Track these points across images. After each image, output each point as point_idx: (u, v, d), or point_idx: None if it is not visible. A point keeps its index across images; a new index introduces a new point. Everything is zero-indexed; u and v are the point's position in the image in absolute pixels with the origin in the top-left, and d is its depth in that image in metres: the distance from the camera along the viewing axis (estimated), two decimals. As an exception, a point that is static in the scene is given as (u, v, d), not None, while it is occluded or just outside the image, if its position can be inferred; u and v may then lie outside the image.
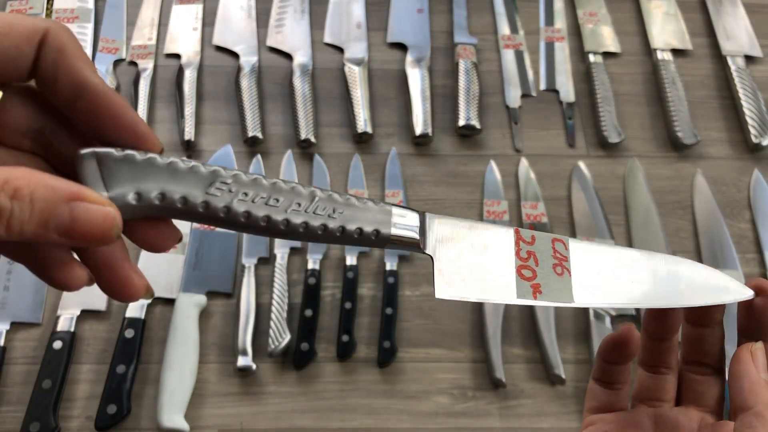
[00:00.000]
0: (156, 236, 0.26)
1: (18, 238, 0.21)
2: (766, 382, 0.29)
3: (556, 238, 0.30)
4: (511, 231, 0.30)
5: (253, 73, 0.83)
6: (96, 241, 0.22)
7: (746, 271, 0.73)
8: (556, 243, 0.30)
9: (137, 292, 0.25)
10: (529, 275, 0.29)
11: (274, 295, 0.68)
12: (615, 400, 0.34)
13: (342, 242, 0.28)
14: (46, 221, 0.21)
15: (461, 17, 0.91)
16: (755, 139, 0.81)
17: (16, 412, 0.62)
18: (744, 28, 0.91)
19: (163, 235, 0.26)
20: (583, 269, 0.30)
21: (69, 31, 0.24)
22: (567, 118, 0.84)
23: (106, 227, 0.22)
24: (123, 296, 0.25)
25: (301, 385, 0.66)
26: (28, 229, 0.21)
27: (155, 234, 0.26)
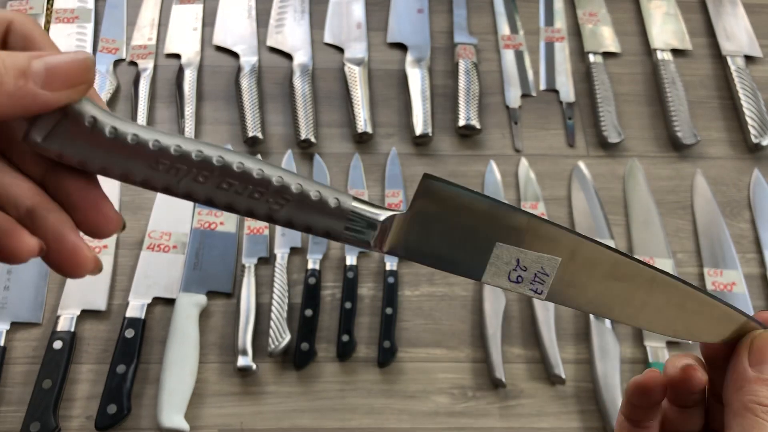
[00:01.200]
0: (96, 217, 0.26)
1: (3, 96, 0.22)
2: (757, 377, 0.27)
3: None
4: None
5: (253, 73, 0.83)
6: (78, 78, 0.23)
7: (746, 271, 0.73)
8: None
9: (86, 263, 0.24)
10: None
11: (274, 295, 0.68)
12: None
13: (293, 229, 0.27)
14: (23, 71, 0.22)
15: (461, 17, 0.91)
16: (755, 139, 0.81)
17: (16, 412, 0.62)
18: (744, 28, 0.91)
19: (105, 218, 0.26)
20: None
21: (34, 21, 0.25)
22: (567, 118, 0.84)
23: (83, 63, 0.23)
24: (72, 267, 0.24)
25: (301, 385, 0.66)
26: (9, 80, 0.22)
27: (95, 215, 0.26)
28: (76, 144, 0.24)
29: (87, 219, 0.25)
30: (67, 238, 0.24)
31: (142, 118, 0.78)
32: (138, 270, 0.70)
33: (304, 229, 0.27)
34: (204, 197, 0.26)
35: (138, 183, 0.25)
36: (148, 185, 0.25)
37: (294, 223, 0.27)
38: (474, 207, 0.27)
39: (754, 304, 0.71)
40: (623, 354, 0.68)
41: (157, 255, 0.71)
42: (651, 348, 0.68)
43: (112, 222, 0.25)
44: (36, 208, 0.24)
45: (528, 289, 0.28)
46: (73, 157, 0.24)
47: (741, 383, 0.27)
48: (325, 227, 0.27)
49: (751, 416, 0.26)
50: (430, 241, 0.28)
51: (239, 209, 0.26)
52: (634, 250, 0.74)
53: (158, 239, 0.72)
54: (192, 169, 0.25)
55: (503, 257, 0.28)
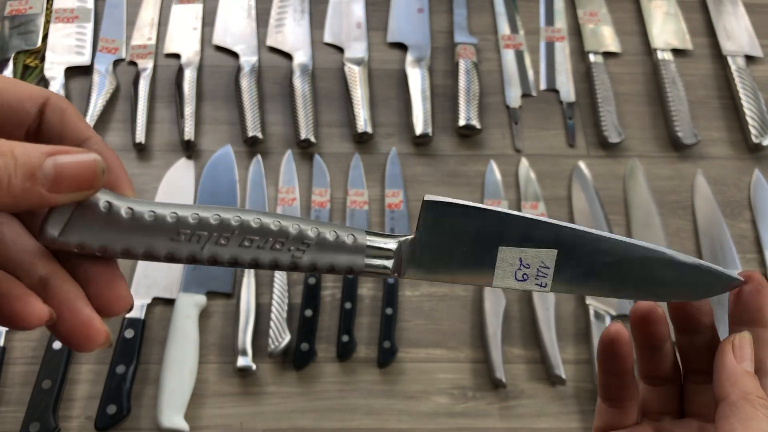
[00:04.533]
0: (110, 295, 0.26)
1: (9, 197, 0.21)
2: (746, 371, 0.29)
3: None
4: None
5: (253, 73, 0.83)
6: (86, 183, 0.23)
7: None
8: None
9: (98, 337, 0.24)
10: None
11: (274, 295, 0.68)
12: (619, 419, 0.33)
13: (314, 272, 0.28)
14: (32, 173, 0.22)
15: (461, 17, 0.91)
16: (755, 139, 0.81)
17: (15, 413, 0.62)
18: (744, 27, 0.91)
19: (118, 297, 0.26)
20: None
21: (67, 100, 0.27)
22: (567, 118, 0.84)
23: (92, 168, 0.23)
24: (83, 340, 0.24)
25: (301, 385, 0.66)
26: (16, 182, 0.21)
27: (109, 293, 0.26)
28: (94, 231, 0.24)
29: (100, 295, 0.25)
30: (82, 311, 0.24)
31: (142, 118, 0.78)
32: (138, 270, 0.70)
33: (327, 270, 0.28)
34: (229, 258, 0.26)
35: (163, 258, 0.26)
36: (173, 259, 0.26)
37: (317, 266, 0.27)
38: (474, 220, 0.29)
39: (754, 304, 0.71)
40: (623, 354, 0.67)
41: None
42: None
43: (124, 301, 0.25)
44: (50, 278, 0.24)
45: (534, 284, 0.29)
46: (93, 246, 0.25)
47: (735, 377, 0.29)
48: (347, 264, 0.28)
49: (748, 407, 0.28)
50: (440, 259, 0.29)
51: (264, 263, 0.27)
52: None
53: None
54: (213, 234, 0.26)
55: (507, 259, 0.29)
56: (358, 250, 0.28)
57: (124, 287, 0.25)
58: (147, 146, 0.78)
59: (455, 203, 0.30)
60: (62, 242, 0.24)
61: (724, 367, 0.29)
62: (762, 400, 0.28)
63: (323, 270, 0.28)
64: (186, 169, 0.77)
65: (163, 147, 0.79)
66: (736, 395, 0.28)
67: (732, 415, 0.28)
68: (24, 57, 0.83)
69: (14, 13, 0.86)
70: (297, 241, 0.27)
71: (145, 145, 0.77)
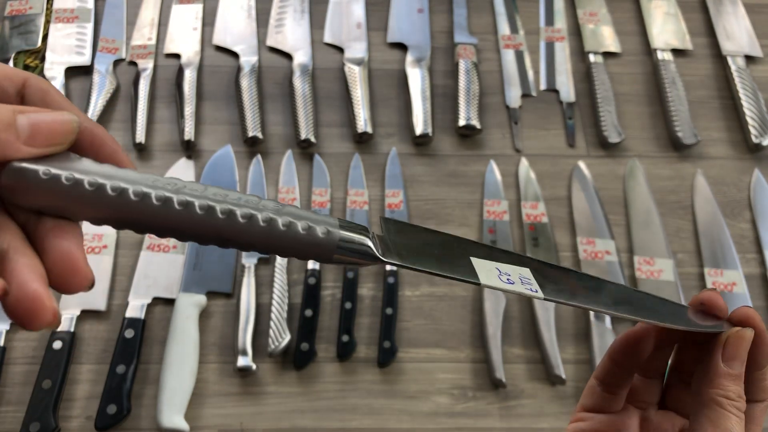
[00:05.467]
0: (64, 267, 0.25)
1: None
2: (726, 372, 0.29)
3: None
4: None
5: (253, 73, 0.83)
6: (60, 138, 0.24)
7: (746, 271, 0.73)
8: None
9: (43, 314, 0.23)
10: None
11: (274, 295, 0.68)
12: (609, 404, 0.34)
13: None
14: (10, 124, 0.23)
15: (461, 17, 0.91)
16: (755, 139, 0.81)
17: (16, 412, 0.62)
18: (744, 28, 0.91)
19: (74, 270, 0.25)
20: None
21: (47, 81, 0.27)
22: (567, 118, 0.84)
23: (67, 124, 0.24)
24: (27, 315, 0.23)
25: (301, 385, 0.66)
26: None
27: (63, 265, 0.25)
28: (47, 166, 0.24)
29: (55, 268, 0.24)
30: (29, 285, 0.23)
31: (142, 118, 0.78)
32: (138, 270, 0.70)
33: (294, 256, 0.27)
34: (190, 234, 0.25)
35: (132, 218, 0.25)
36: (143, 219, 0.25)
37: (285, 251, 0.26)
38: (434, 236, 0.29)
39: (754, 304, 0.71)
40: (623, 354, 0.67)
41: (157, 255, 0.71)
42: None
43: (80, 275, 0.24)
44: (9, 251, 0.23)
45: (525, 289, 0.28)
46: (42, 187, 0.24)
47: (711, 377, 0.29)
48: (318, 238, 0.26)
49: (717, 408, 0.28)
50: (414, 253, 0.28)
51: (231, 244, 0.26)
52: (635, 250, 0.74)
53: (158, 239, 0.72)
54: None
55: (484, 267, 0.28)
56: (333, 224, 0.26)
57: (82, 262, 0.24)
58: (147, 146, 0.78)
59: (408, 225, 0.29)
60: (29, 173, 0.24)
61: (706, 364, 0.29)
62: (735, 402, 0.28)
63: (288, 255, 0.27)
64: (186, 169, 0.77)
65: (164, 147, 0.79)
66: (708, 395, 0.29)
67: (701, 414, 0.28)
68: (24, 57, 0.83)
69: (14, 13, 0.86)
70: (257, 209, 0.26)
71: (145, 145, 0.77)
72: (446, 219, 0.76)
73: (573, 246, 0.74)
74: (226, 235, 0.25)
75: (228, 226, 0.25)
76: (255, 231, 0.25)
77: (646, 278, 0.72)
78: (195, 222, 0.25)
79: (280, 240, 0.25)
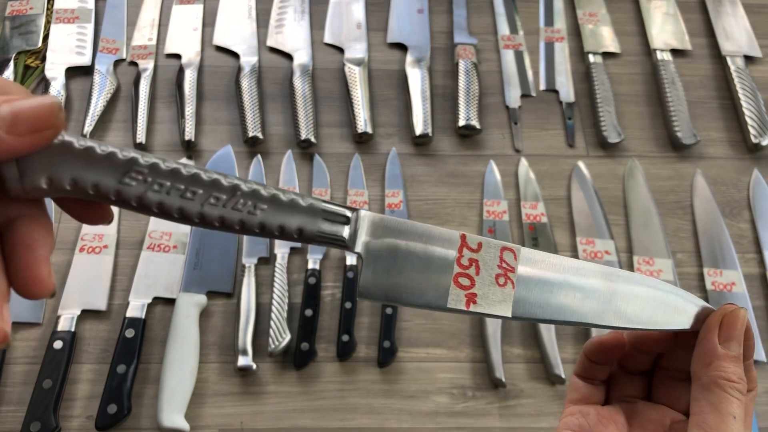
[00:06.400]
0: (84, 212, 0.26)
1: None
2: (724, 353, 0.28)
3: (507, 247, 0.29)
4: (457, 235, 0.29)
5: (254, 73, 0.83)
6: (44, 124, 0.23)
7: (746, 271, 0.73)
8: (505, 252, 0.29)
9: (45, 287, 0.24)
10: (466, 284, 0.29)
11: (274, 295, 0.68)
12: (593, 393, 0.35)
13: (264, 236, 0.27)
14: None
15: (461, 17, 0.91)
16: (755, 139, 0.81)
17: (16, 412, 0.62)
18: (743, 28, 0.91)
19: (92, 212, 0.27)
20: (530, 281, 0.29)
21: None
22: (567, 118, 0.84)
23: (50, 107, 0.23)
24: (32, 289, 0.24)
25: (301, 384, 0.66)
26: None
27: (83, 210, 0.26)
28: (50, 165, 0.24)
29: (19, 275, 0.24)
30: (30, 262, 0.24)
31: (143, 119, 0.78)
32: (138, 270, 0.70)
33: (278, 233, 0.27)
34: (177, 210, 0.26)
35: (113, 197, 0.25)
36: (122, 200, 0.25)
37: (266, 227, 0.27)
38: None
39: (753, 304, 0.71)
40: (623, 354, 0.68)
41: (158, 255, 0.71)
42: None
43: (41, 283, 0.24)
44: None
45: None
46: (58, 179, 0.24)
47: (710, 359, 0.28)
48: (298, 226, 0.27)
49: (719, 391, 0.28)
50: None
51: (212, 218, 0.26)
52: (634, 250, 0.74)
53: (158, 239, 0.72)
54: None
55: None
56: (312, 212, 0.27)
57: (46, 271, 0.25)
58: (148, 146, 0.78)
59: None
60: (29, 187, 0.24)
61: (702, 346, 0.29)
62: (737, 383, 0.28)
63: (273, 232, 0.27)
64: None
65: (164, 147, 0.79)
66: (708, 378, 0.28)
67: (702, 398, 0.28)
68: (25, 57, 0.83)
69: (15, 14, 0.86)
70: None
71: (145, 145, 0.78)
72: (446, 219, 0.76)
73: (572, 246, 0.75)
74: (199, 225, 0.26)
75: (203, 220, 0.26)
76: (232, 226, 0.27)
77: (646, 278, 0.72)
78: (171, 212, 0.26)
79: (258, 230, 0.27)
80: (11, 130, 0.22)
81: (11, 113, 0.22)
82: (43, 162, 0.24)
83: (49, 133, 0.23)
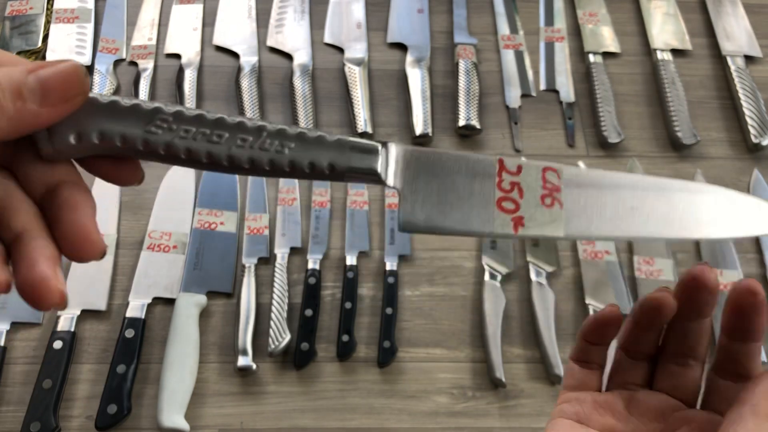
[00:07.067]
0: (115, 172, 0.27)
1: (4, 120, 0.22)
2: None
3: (548, 167, 0.28)
4: (494, 160, 0.28)
5: (254, 73, 0.83)
6: (73, 89, 0.23)
7: (746, 271, 0.73)
8: (548, 173, 0.28)
9: (50, 295, 0.23)
10: (511, 207, 0.27)
11: (274, 295, 0.68)
12: (590, 379, 0.34)
13: (294, 176, 0.27)
14: (19, 90, 0.22)
15: (461, 17, 0.91)
16: (755, 139, 0.81)
17: (16, 412, 0.62)
18: (744, 28, 0.91)
19: (123, 172, 0.27)
20: (578, 199, 0.28)
21: None
22: (567, 118, 0.84)
23: (74, 72, 0.23)
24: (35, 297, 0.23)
25: (301, 385, 0.66)
26: (7, 104, 0.22)
27: (114, 170, 0.26)
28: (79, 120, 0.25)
29: (67, 239, 0.24)
30: (38, 267, 0.23)
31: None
32: (138, 270, 0.70)
33: (309, 172, 0.26)
34: (205, 154, 0.26)
35: (141, 148, 0.25)
36: (151, 151, 0.25)
37: (297, 164, 0.26)
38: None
39: (753, 304, 0.71)
40: (623, 354, 0.68)
41: (158, 255, 0.71)
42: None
43: (93, 245, 0.24)
44: (23, 233, 0.24)
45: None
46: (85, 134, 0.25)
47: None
48: (329, 162, 0.27)
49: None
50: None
51: (242, 160, 0.26)
52: (634, 249, 0.74)
53: (158, 239, 0.72)
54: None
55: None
56: (341, 147, 0.27)
57: (95, 232, 0.25)
58: (147, 146, 0.78)
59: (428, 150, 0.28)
60: (59, 146, 0.24)
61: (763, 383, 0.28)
62: None
63: (303, 170, 0.26)
64: (187, 169, 0.77)
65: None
66: (757, 410, 0.27)
67: (749, 418, 0.27)
68: (24, 57, 0.83)
69: (15, 14, 0.86)
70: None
71: (145, 145, 0.77)
72: (446, 219, 0.76)
73: (573, 246, 0.75)
74: (257, 158, 0.26)
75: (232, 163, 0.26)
76: (262, 167, 0.26)
77: (646, 278, 0.72)
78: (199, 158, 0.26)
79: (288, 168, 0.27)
80: (44, 102, 0.23)
81: (40, 85, 0.22)
82: (70, 120, 0.24)
83: (78, 99, 0.24)
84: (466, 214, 0.27)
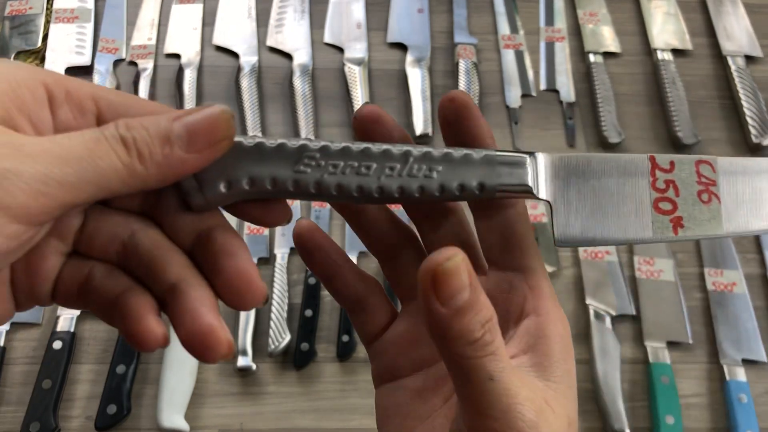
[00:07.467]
0: (264, 215, 0.26)
1: (154, 167, 0.22)
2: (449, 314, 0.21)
3: (701, 160, 0.26)
4: (645, 158, 0.27)
5: (253, 73, 0.83)
6: (219, 135, 0.23)
7: (746, 271, 0.73)
8: (701, 166, 0.26)
9: (218, 346, 0.22)
10: (668, 208, 0.26)
11: (274, 295, 0.68)
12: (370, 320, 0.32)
13: (444, 200, 0.26)
14: (167, 136, 0.22)
15: (461, 17, 0.91)
16: (755, 139, 0.81)
17: (16, 412, 0.62)
18: (744, 28, 0.91)
19: (273, 213, 0.26)
20: (736, 191, 0.26)
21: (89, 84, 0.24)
22: (567, 118, 0.84)
23: (220, 117, 0.23)
24: (202, 349, 0.23)
25: (301, 385, 0.66)
26: (156, 150, 0.22)
27: (264, 213, 0.26)
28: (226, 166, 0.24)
29: (230, 287, 0.23)
30: (203, 318, 0.23)
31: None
32: (138, 270, 0.70)
33: (458, 193, 0.25)
34: (355, 188, 0.25)
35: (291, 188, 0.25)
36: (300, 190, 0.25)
37: (446, 187, 0.25)
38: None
39: (754, 304, 0.71)
40: (623, 354, 0.67)
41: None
42: (651, 348, 0.68)
43: (257, 290, 0.24)
44: (178, 284, 0.23)
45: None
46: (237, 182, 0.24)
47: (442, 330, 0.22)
48: (479, 181, 0.26)
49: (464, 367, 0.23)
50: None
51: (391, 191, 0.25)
52: (635, 249, 0.74)
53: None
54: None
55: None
56: (489, 163, 0.25)
57: (256, 277, 0.24)
58: (147, 146, 0.78)
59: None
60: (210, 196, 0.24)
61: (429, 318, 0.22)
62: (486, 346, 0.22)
63: (453, 193, 0.25)
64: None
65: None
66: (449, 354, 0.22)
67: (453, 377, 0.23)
68: (24, 57, 0.83)
69: (14, 14, 0.86)
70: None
71: (145, 145, 0.77)
72: (446, 219, 0.76)
73: (573, 246, 0.74)
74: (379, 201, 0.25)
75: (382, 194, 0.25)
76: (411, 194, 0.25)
77: (646, 278, 0.72)
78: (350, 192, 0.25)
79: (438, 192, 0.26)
80: (190, 148, 0.22)
81: (186, 131, 0.22)
82: (218, 168, 0.24)
83: (225, 143, 0.23)
84: (622, 221, 0.26)
